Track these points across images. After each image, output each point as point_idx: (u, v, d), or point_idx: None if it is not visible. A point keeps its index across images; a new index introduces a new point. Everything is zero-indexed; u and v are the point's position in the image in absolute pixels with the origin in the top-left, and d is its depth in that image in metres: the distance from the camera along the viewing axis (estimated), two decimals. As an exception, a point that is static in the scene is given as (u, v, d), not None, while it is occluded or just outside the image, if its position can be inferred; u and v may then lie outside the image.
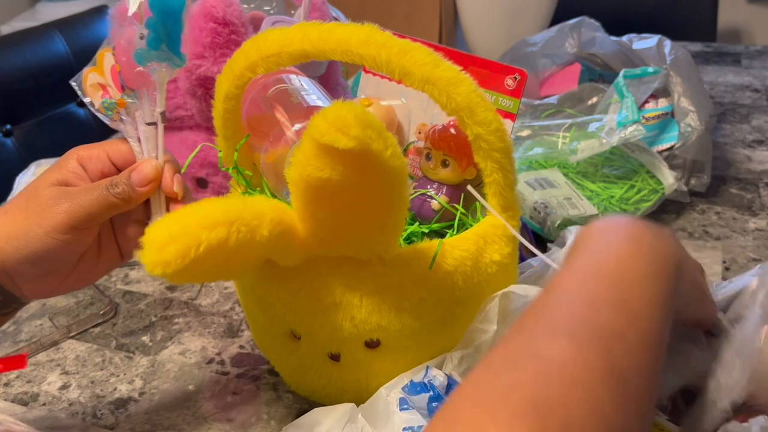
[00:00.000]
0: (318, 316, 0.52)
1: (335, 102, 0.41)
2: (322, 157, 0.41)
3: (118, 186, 0.48)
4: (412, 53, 0.46)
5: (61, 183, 0.49)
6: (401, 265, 0.51)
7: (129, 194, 0.49)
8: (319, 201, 0.45)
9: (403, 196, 0.46)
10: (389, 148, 0.42)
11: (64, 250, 0.48)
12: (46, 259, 0.48)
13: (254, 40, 0.50)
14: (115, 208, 0.49)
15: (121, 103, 0.49)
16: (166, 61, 0.48)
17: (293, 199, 0.46)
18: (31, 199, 0.48)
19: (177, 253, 0.40)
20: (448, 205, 0.59)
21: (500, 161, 0.50)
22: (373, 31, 0.47)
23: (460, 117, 0.48)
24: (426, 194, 0.60)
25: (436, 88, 0.46)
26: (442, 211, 0.59)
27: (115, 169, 0.51)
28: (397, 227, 0.48)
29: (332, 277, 0.51)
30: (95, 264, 0.52)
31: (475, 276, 0.52)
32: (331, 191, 0.44)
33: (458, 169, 0.59)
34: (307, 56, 0.48)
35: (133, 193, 0.49)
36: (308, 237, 0.48)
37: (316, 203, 0.45)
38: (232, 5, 0.72)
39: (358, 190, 0.44)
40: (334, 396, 0.58)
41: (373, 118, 0.41)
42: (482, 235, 0.53)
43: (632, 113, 0.84)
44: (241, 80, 0.51)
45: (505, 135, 0.50)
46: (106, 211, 0.49)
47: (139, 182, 0.49)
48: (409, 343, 0.54)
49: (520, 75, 0.60)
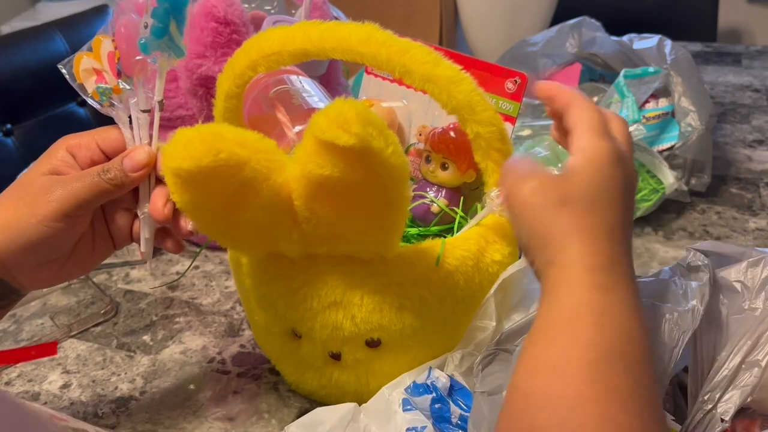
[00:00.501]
0: (318, 314, 0.52)
1: (337, 99, 0.41)
2: (323, 154, 0.41)
3: (110, 172, 0.49)
4: (413, 52, 0.46)
5: (51, 172, 0.50)
6: (402, 264, 0.51)
7: (121, 179, 0.49)
8: (321, 198, 0.45)
9: (404, 194, 0.46)
10: (390, 145, 0.42)
11: (58, 238, 0.49)
12: (41, 248, 0.49)
13: (255, 38, 0.50)
14: (107, 194, 0.49)
15: (116, 90, 0.49)
16: (168, 51, 0.49)
17: (295, 197, 0.46)
18: (23, 190, 0.49)
19: (201, 151, 0.41)
20: (447, 208, 0.59)
21: (500, 161, 0.50)
22: (373, 29, 0.47)
23: (461, 115, 0.48)
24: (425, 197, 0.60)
25: (437, 86, 0.46)
26: (441, 214, 0.59)
27: (104, 156, 0.52)
28: (398, 226, 0.48)
29: (333, 275, 0.51)
30: (90, 252, 0.53)
31: (477, 276, 0.53)
32: (332, 188, 0.44)
33: (458, 172, 0.59)
34: (308, 55, 0.48)
35: (126, 179, 0.49)
36: (310, 234, 0.48)
37: (317, 200, 0.45)
38: (233, 5, 0.72)
39: (359, 187, 0.44)
40: (335, 396, 0.58)
41: (375, 115, 0.41)
42: (483, 235, 0.53)
43: (633, 113, 0.84)
44: (242, 79, 0.51)
45: (505, 134, 0.50)
46: (98, 198, 0.49)
47: (131, 168, 0.49)
48: (410, 342, 0.54)
49: (520, 78, 0.60)
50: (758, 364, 0.45)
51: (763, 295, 0.48)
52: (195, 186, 0.43)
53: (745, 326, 0.47)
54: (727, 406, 0.45)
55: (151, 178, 0.51)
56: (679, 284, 0.49)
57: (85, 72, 0.50)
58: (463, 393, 0.54)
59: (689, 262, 0.50)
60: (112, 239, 0.54)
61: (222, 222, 0.47)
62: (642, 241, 0.81)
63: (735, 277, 0.49)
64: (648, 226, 0.83)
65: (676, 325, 0.46)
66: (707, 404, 0.45)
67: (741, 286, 0.49)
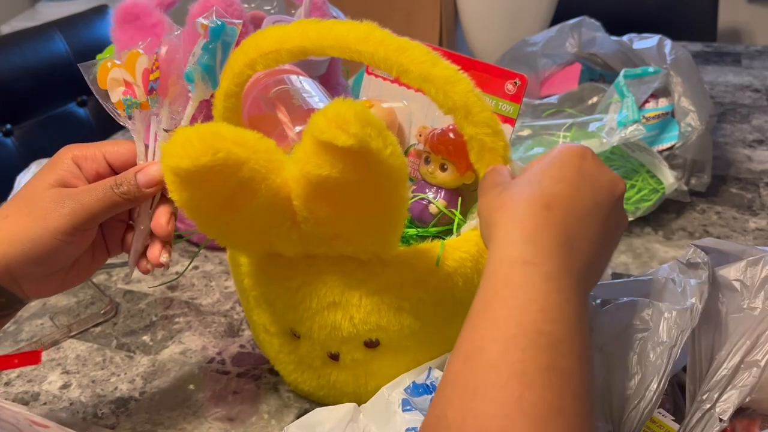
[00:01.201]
0: (317, 315, 0.52)
1: (336, 99, 0.41)
2: (322, 155, 0.41)
3: (123, 186, 0.49)
4: (410, 51, 0.46)
5: (59, 183, 0.50)
6: (401, 265, 0.51)
7: (134, 194, 0.49)
8: (319, 198, 0.45)
9: (403, 195, 0.46)
10: (389, 146, 0.42)
11: (69, 250, 0.49)
12: (52, 260, 0.49)
13: (253, 37, 0.50)
14: (118, 207, 0.50)
15: (144, 105, 0.51)
16: (207, 83, 0.51)
17: (294, 197, 0.46)
18: (32, 202, 0.49)
19: (199, 150, 0.41)
20: (446, 210, 0.59)
21: (494, 163, 0.49)
22: (371, 28, 0.47)
23: (457, 116, 0.47)
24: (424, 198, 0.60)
25: (433, 86, 0.46)
26: (440, 215, 0.59)
27: (110, 169, 0.52)
28: (397, 227, 0.48)
29: (332, 276, 0.51)
30: (90, 261, 0.53)
31: (476, 277, 0.52)
32: (330, 189, 0.44)
33: (456, 173, 0.58)
34: (306, 53, 0.48)
35: (139, 193, 0.50)
36: (308, 235, 0.48)
37: (316, 200, 0.45)
38: (233, 5, 0.72)
39: (357, 188, 0.44)
40: (333, 396, 0.58)
41: (373, 116, 0.41)
42: None
43: (632, 113, 0.84)
44: (240, 78, 0.51)
45: (501, 137, 0.50)
46: (109, 211, 0.50)
47: (146, 183, 0.50)
48: (408, 343, 0.54)
49: (520, 80, 0.59)
50: (757, 364, 0.45)
51: (762, 294, 0.48)
52: (193, 185, 0.43)
53: (744, 326, 0.47)
54: (726, 406, 0.45)
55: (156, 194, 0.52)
56: (678, 282, 0.49)
57: (114, 81, 0.51)
58: (462, 393, 0.54)
59: (689, 259, 0.50)
60: (107, 248, 0.54)
61: (220, 221, 0.47)
62: (642, 241, 0.81)
63: (734, 275, 0.49)
64: (648, 226, 0.83)
65: (675, 324, 0.46)
66: (706, 404, 0.45)
67: (740, 285, 0.49)
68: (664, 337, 0.46)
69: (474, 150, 0.49)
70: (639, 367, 0.46)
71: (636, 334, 0.47)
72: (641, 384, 0.45)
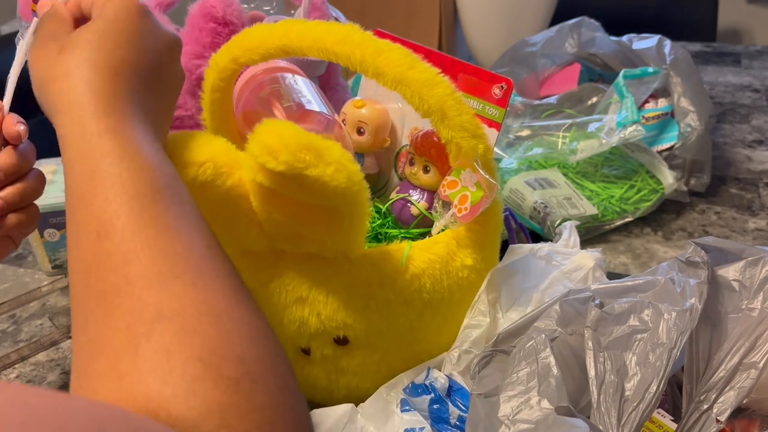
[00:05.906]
0: (285, 309, 0.52)
1: (267, 121, 0.41)
2: (264, 170, 0.42)
3: None
4: (388, 53, 0.46)
5: None
6: (368, 264, 0.50)
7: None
8: (273, 203, 0.45)
9: (358, 206, 0.45)
10: (330, 165, 0.41)
11: None
12: None
13: (240, 35, 0.51)
14: None
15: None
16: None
17: (251, 198, 0.46)
18: None
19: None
20: (426, 211, 0.59)
21: (470, 166, 0.49)
22: (352, 30, 0.47)
23: (433, 119, 0.47)
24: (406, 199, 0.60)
25: (409, 89, 0.46)
26: (421, 216, 0.59)
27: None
28: (359, 228, 0.48)
29: (300, 272, 0.51)
30: None
31: (445, 279, 0.52)
32: (281, 197, 0.44)
33: (438, 175, 0.58)
34: (287, 52, 0.49)
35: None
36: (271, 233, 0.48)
37: (270, 204, 0.46)
38: (232, 5, 0.72)
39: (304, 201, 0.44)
40: (306, 391, 0.58)
41: (312, 138, 0.41)
42: (455, 239, 0.53)
43: (632, 113, 0.84)
44: (225, 72, 0.52)
45: (482, 140, 0.49)
46: None
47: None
48: (376, 342, 0.53)
49: (506, 84, 0.59)
50: (755, 366, 0.45)
51: (761, 296, 0.48)
52: None
53: (742, 326, 0.47)
54: (723, 407, 0.45)
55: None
56: (677, 282, 0.49)
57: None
58: (461, 393, 0.54)
59: (688, 257, 0.50)
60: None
61: None
62: (641, 241, 0.81)
63: (733, 275, 0.49)
64: (647, 227, 0.83)
65: (675, 325, 0.46)
66: (703, 404, 0.45)
67: (739, 285, 0.49)
68: (664, 339, 0.46)
69: (452, 153, 0.49)
70: (638, 368, 0.46)
71: (635, 335, 0.47)
72: (640, 385, 0.45)
